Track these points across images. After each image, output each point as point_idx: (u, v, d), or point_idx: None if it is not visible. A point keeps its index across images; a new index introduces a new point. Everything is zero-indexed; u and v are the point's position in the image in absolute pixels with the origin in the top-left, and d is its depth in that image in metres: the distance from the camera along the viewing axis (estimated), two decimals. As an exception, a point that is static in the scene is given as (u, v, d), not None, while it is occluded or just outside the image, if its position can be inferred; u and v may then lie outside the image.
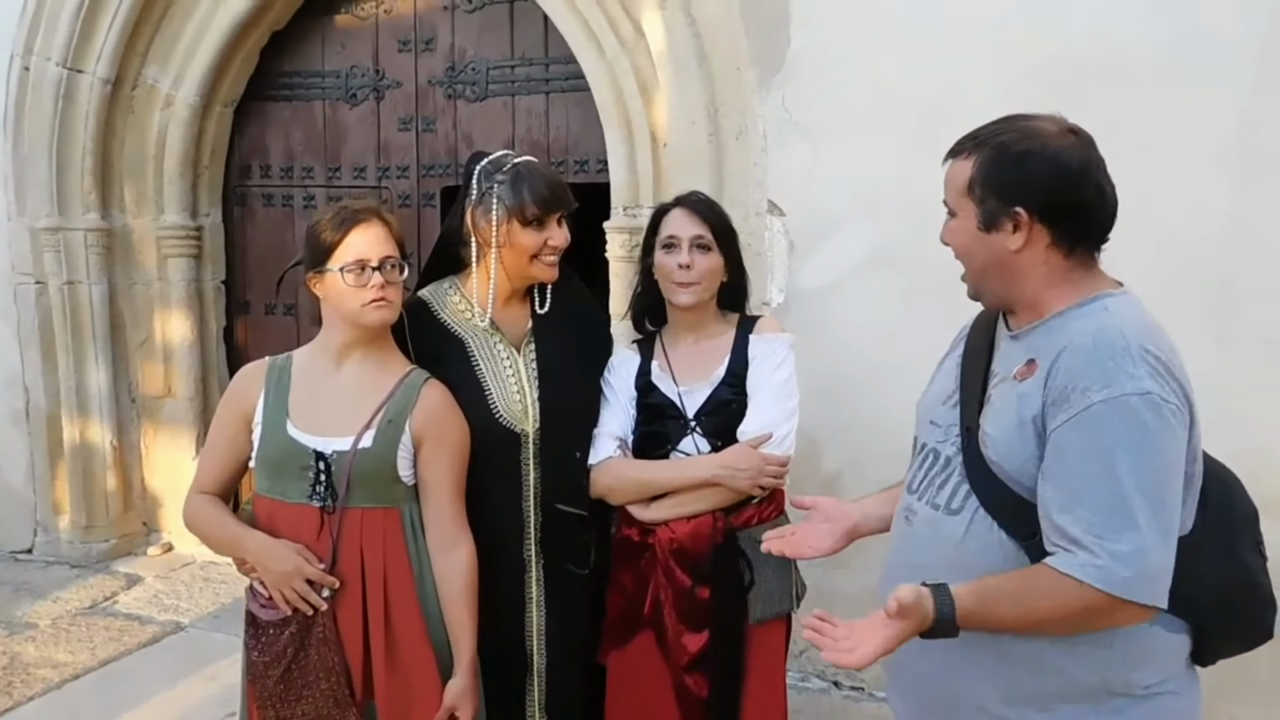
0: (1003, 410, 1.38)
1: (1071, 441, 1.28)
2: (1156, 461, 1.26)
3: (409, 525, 1.80)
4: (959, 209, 1.43)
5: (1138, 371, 1.26)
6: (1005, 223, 1.38)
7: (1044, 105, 2.78)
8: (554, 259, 1.90)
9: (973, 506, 1.40)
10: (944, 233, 1.47)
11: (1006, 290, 1.43)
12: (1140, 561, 1.23)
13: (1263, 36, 2.62)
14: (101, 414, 4.25)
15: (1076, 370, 1.29)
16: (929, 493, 1.48)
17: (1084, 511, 1.26)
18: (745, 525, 1.93)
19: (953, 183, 1.43)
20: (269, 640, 1.74)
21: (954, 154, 1.44)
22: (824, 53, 3.03)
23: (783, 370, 1.93)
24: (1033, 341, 1.40)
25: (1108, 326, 1.32)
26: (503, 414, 1.90)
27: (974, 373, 1.48)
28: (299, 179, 4.30)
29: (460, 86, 3.95)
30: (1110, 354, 1.28)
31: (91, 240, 4.15)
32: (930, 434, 1.53)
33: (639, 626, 1.98)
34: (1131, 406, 1.25)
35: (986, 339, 1.51)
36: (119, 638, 3.55)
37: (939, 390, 1.57)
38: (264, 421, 1.78)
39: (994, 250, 1.40)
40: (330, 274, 1.74)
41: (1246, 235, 2.66)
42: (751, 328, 2.01)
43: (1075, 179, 1.36)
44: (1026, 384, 1.36)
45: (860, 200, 3.04)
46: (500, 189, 1.85)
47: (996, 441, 1.37)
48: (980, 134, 1.42)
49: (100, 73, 4.03)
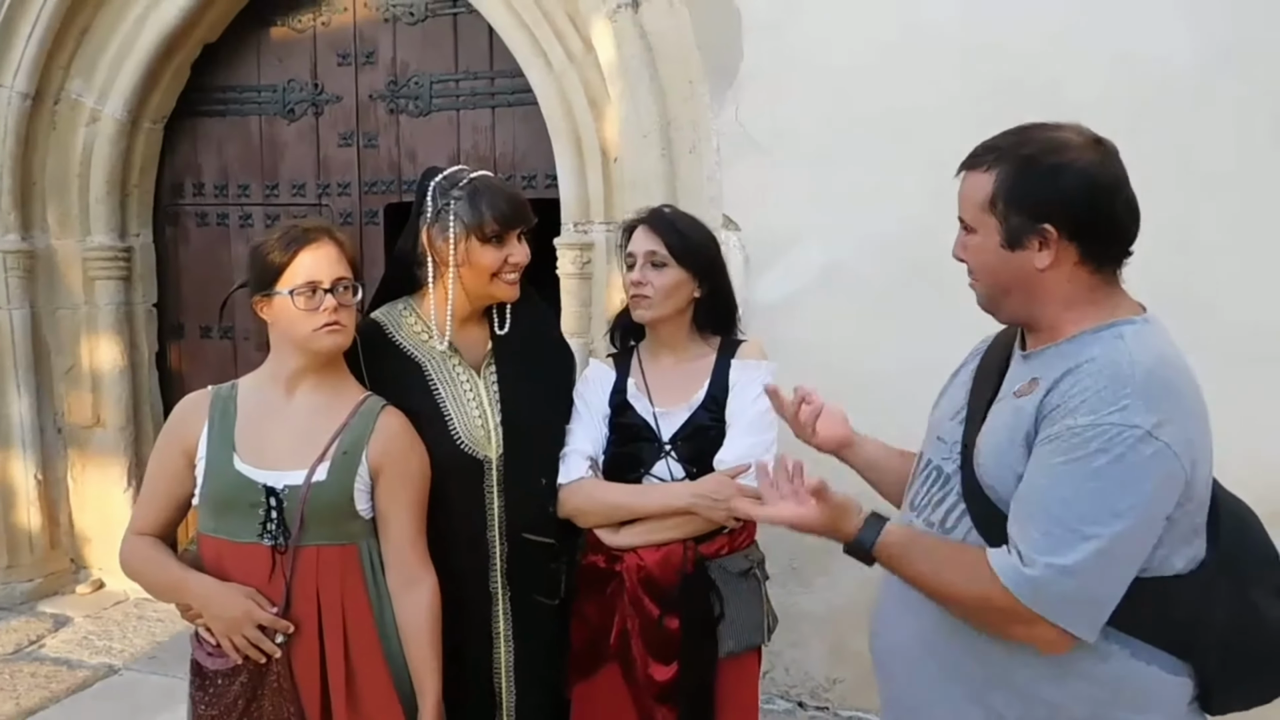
0: (997, 428, 1.35)
1: (1041, 456, 1.26)
2: (1121, 496, 1.21)
3: (367, 562, 1.70)
4: (979, 225, 1.35)
5: (1134, 404, 1.21)
6: (1032, 240, 1.31)
7: (996, 123, 2.82)
8: (515, 277, 1.82)
9: (966, 526, 1.36)
10: (959, 249, 1.40)
11: (1028, 309, 1.37)
12: (1061, 580, 1.21)
13: (1201, 65, 2.68)
14: (24, 446, 4.03)
15: (1071, 393, 1.26)
16: (927, 510, 1.44)
17: (1031, 526, 1.24)
18: (716, 555, 1.88)
19: (971, 197, 1.35)
20: (217, 692, 1.63)
21: (971, 166, 1.36)
22: (777, 66, 3.02)
23: (764, 400, 1.87)
24: (1041, 362, 1.35)
25: (1118, 354, 1.27)
26: (464, 440, 1.82)
27: (984, 389, 1.44)
28: (235, 197, 4.15)
29: (403, 101, 3.86)
30: (1110, 382, 1.24)
31: (11, 263, 3.94)
32: (936, 450, 1.48)
33: (605, 658, 1.92)
34: (1110, 436, 1.21)
35: (1002, 357, 1.46)
36: (46, 684, 3.35)
37: (949, 406, 1.52)
38: (208, 456, 1.67)
39: (1018, 268, 1.33)
40: (279, 297, 1.65)
41: (1201, 251, 2.70)
42: (734, 351, 1.96)
43: (1107, 194, 1.30)
44: (1024, 401, 1.32)
45: (816, 214, 3.03)
46: (457, 205, 1.77)
47: (987, 459, 1.34)
48: (1000, 145, 1.34)
49: (19, 86, 3.84)
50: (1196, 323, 2.66)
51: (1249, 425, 2.58)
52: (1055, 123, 1.35)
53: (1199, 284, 2.68)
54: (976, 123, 1.52)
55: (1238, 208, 2.68)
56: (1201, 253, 2.69)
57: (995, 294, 1.39)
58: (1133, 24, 2.72)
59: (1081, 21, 2.76)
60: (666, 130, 3.15)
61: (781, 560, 3.10)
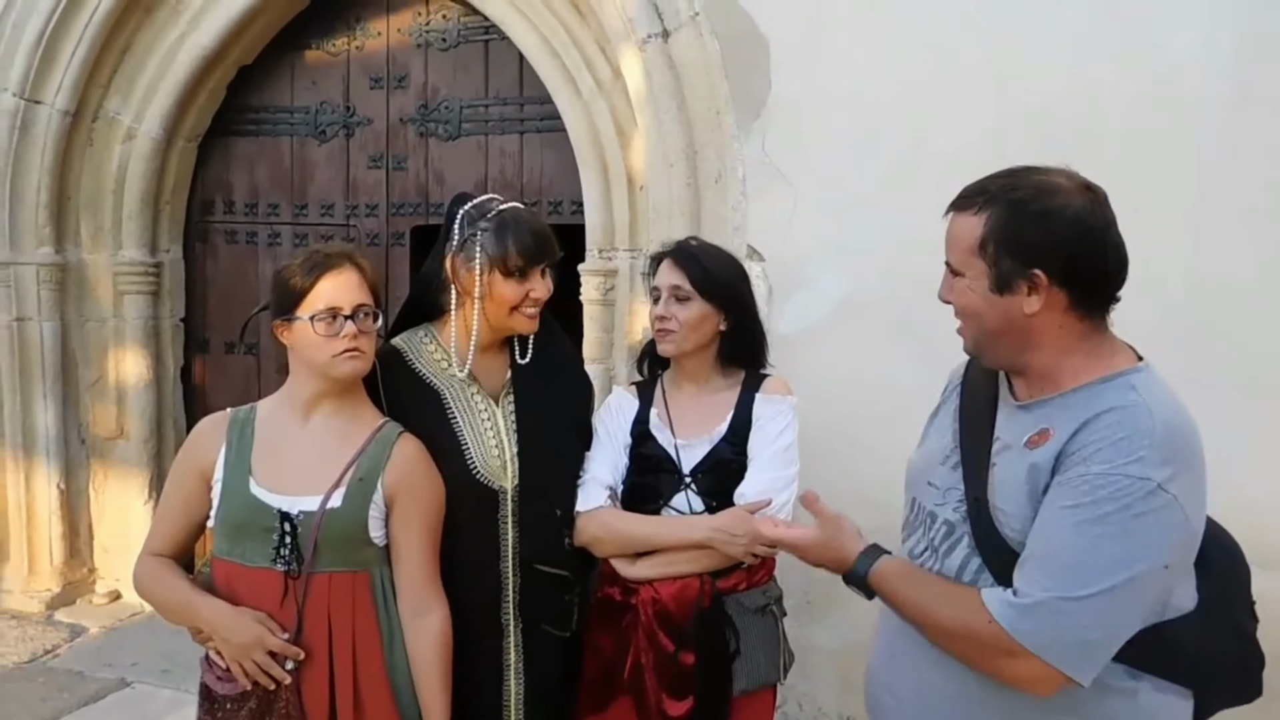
0: (1012, 483, 1.32)
1: (1053, 501, 1.25)
2: (1128, 547, 1.21)
3: (379, 589, 1.69)
4: (966, 268, 1.34)
5: (1151, 456, 1.21)
6: (1021, 285, 1.30)
7: (1023, 153, 2.79)
8: (535, 311, 1.82)
9: (987, 581, 1.33)
10: (945, 291, 1.39)
11: (1017, 354, 1.35)
12: (1057, 620, 1.21)
13: (1232, 97, 2.65)
14: (49, 456, 4.07)
15: (1088, 440, 1.25)
16: (932, 559, 1.42)
17: (1035, 566, 1.25)
18: (733, 590, 1.86)
19: (959, 240, 1.34)
20: (226, 716, 1.62)
21: (960, 208, 1.35)
22: (804, 97, 3.02)
23: (786, 435, 1.86)
24: (1049, 413, 1.32)
25: (1137, 408, 1.25)
26: (480, 470, 1.82)
27: (977, 437, 1.41)
28: (264, 216, 4.20)
29: (432, 125, 3.89)
30: (1131, 433, 1.23)
31: (44, 275, 4.00)
32: (928, 495, 1.46)
33: (618, 691, 1.89)
34: (1122, 486, 1.20)
35: (988, 402, 1.44)
36: (59, 694, 3.35)
37: (935, 449, 1.49)
38: (224, 479, 1.67)
39: (1007, 313, 1.31)
40: (299, 322, 1.65)
41: (1212, 283, 2.68)
42: (758, 386, 1.94)
43: (1098, 240, 1.29)
44: (1037, 453, 1.30)
45: (840, 246, 3.02)
46: (484, 237, 1.77)
47: (1011, 517, 1.31)
48: (990, 188, 1.33)
49: (59, 104, 3.91)
50: (1216, 353, 2.66)
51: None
52: (1045, 166, 1.34)
53: (1222, 314, 2.66)
54: (1004, 154, 1.51)
55: (1270, 237, 2.64)
56: (1231, 283, 2.66)
57: (983, 338, 1.37)
58: (1164, 54, 2.70)
59: (1111, 51, 2.75)
60: (693, 159, 3.16)
61: (796, 594, 3.06)
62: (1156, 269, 2.69)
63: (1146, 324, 2.62)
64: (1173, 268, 2.69)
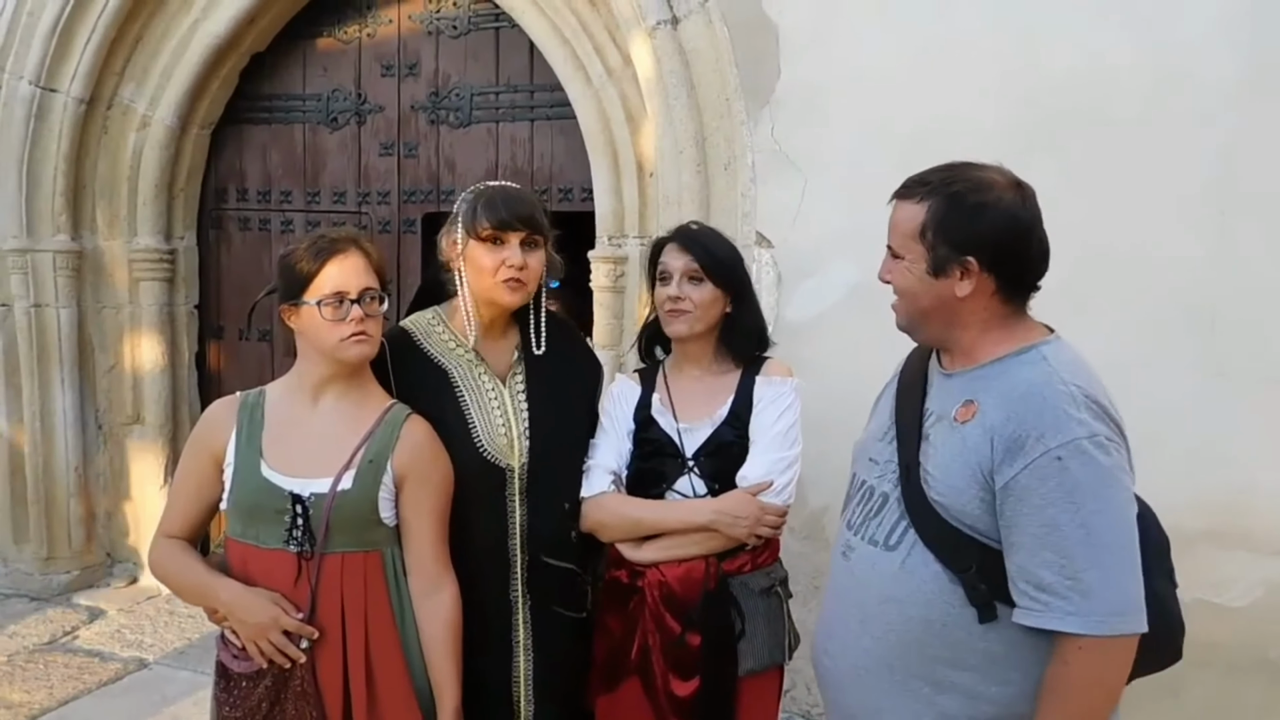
0: (944, 451, 1.43)
1: (1032, 488, 1.32)
2: (1115, 496, 1.33)
3: (390, 568, 1.72)
4: (906, 252, 1.46)
5: (1083, 415, 1.33)
6: (954, 270, 1.42)
7: (1031, 142, 2.79)
8: (515, 282, 1.81)
9: (910, 541, 1.44)
10: (885, 272, 1.51)
11: (946, 332, 1.48)
12: (1111, 597, 1.30)
13: (1243, 82, 2.64)
14: (66, 440, 4.13)
15: (1027, 419, 1.35)
16: (866, 529, 1.52)
17: (1051, 554, 1.31)
18: (738, 572, 1.87)
19: (901, 225, 1.46)
20: (242, 694, 1.65)
21: (903, 196, 1.47)
22: (814, 85, 3.02)
23: (787, 417, 1.88)
24: (970, 384, 1.45)
25: (1050, 375, 1.38)
26: (487, 448, 1.84)
27: (909, 409, 1.53)
28: (277, 203, 4.23)
29: (444, 112, 3.90)
30: (1057, 401, 1.34)
31: (60, 262, 4.04)
32: (869, 470, 1.58)
33: (626, 673, 1.91)
34: (1084, 449, 1.31)
35: (920, 375, 1.56)
36: (79, 675, 3.41)
37: (876, 427, 1.62)
38: (236, 462, 1.70)
39: (940, 295, 1.44)
40: (306, 307, 1.67)
41: (1228, 270, 2.67)
42: (759, 368, 1.96)
43: (1024, 234, 1.42)
44: (969, 427, 1.41)
45: (849, 233, 3.00)
46: (463, 208, 1.83)
47: (939, 481, 1.42)
48: (930, 180, 1.45)
49: (74, 92, 3.94)
50: (1232, 341, 2.65)
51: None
52: (981, 163, 1.47)
53: (1238, 302, 2.65)
54: (1012, 142, 1.52)
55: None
56: (1243, 272, 2.65)
57: (915, 316, 1.49)
58: (1177, 38, 2.69)
59: (1124, 35, 2.73)
60: (702, 146, 3.16)
61: (804, 580, 3.07)
62: (1169, 255, 2.70)
63: (1162, 311, 2.67)
64: (1187, 255, 2.69)
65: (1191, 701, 2.53)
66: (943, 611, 1.41)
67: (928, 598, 1.41)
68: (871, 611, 1.47)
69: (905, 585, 1.44)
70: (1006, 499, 1.35)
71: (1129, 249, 2.72)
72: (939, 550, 1.41)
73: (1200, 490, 2.59)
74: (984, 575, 1.38)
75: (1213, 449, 2.65)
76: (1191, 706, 2.37)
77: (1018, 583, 1.34)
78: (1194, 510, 2.46)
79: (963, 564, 1.39)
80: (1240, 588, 2.66)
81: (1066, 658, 1.32)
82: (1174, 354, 2.68)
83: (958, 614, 1.40)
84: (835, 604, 1.57)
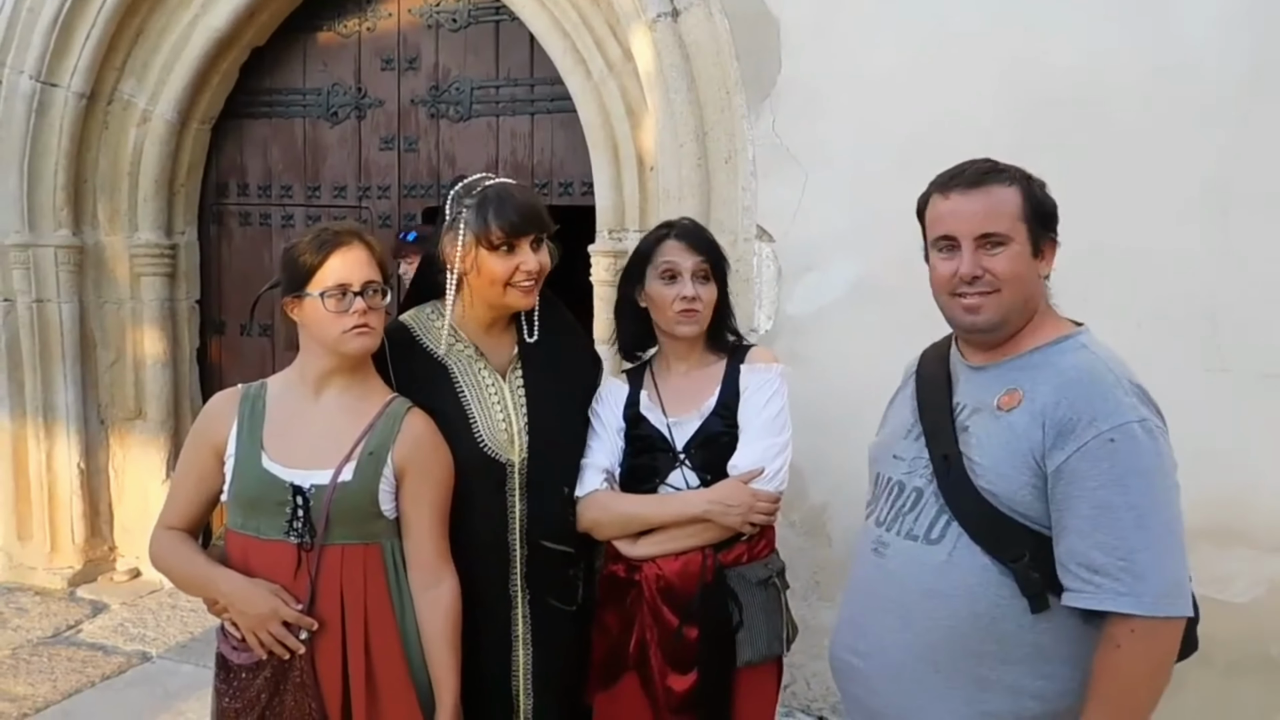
0: (990, 439, 1.43)
1: (1084, 471, 1.33)
2: (1164, 481, 1.35)
3: (390, 561, 1.72)
4: (1014, 234, 1.44)
5: (1133, 400, 1.36)
6: (1045, 248, 1.47)
7: (1031, 138, 2.78)
8: (529, 285, 1.81)
9: (955, 534, 1.44)
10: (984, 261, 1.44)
11: (1023, 320, 1.48)
12: (1163, 578, 1.31)
13: (1244, 81, 2.63)
14: (69, 436, 4.14)
15: (1079, 404, 1.36)
16: (900, 524, 1.51)
17: (1104, 536, 1.31)
18: (735, 563, 1.87)
19: (1003, 208, 1.44)
20: (241, 685, 1.66)
21: (990, 182, 1.46)
22: (815, 79, 3.01)
23: (774, 403, 1.87)
24: (1008, 373, 1.46)
25: (1095, 363, 1.41)
26: (487, 443, 1.84)
27: (936, 404, 1.53)
28: (277, 198, 4.23)
29: (444, 106, 3.90)
30: (1106, 387, 1.37)
31: (62, 257, 4.05)
32: (894, 467, 1.57)
33: (624, 668, 1.91)
34: (1135, 434, 1.33)
35: (941, 372, 1.56)
36: (82, 669, 3.42)
37: (897, 425, 1.61)
38: (237, 454, 1.70)
39: (1035, 276, 1.47)
40: (309, 299, 1.67)
41: (1228, 267, 2.66)
42: (743, 357, 1.96)
43: None
44: (1016, 414, 1.41)
45: (850, 227, 3.01)
46: (467, 214, 1.78)
47: (988, 470, 1.42)
48: (999, 166, 1.48)
49: (75, 87, 3.94)
50: (1235, 337, 2.64)
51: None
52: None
53: (1240, 299, 2.64)
54: (1012, 138, 1.52)
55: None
56: (1243, 269, 2.64)
57: (1016, 303, 1.46)
58: (1178, 33, 2.68)
59: (1125, 31, 2.72)
60: (703, 140, 3.15)
61: (804, 575, 3.08)
62: (1170, 253, 2.69)
63: (1162, 308, 2.66)
64: (1187, 252, 2.68)
65: (1192, 698, 2.53)
66: (991, 604, 1.40)
67: (974, 591, 1.40)
68: (912, 607, 1.45)
69: (950, 579, 1.42)
70: (1058, 482, 1.35)
71: (1129, 246, 2.71)
72: (986, 541, 1.40)
73: (1202, 487, 2.56)
74: (1037, 564, 1.37)
75: (1214, 446, 2.64)
76: (1192, 703, 2.37)
77: (1069, 565, 1.34)
78: (1195, 507, 2.43)
79: (1014, 553, 1.38)
80: (1242, 584, 2.66)
81: (1118, 640, 1.32)
82: (1175, 351, 2.67)
83: (1007, 605, 1.39)
84: (867, 601, 1.55)
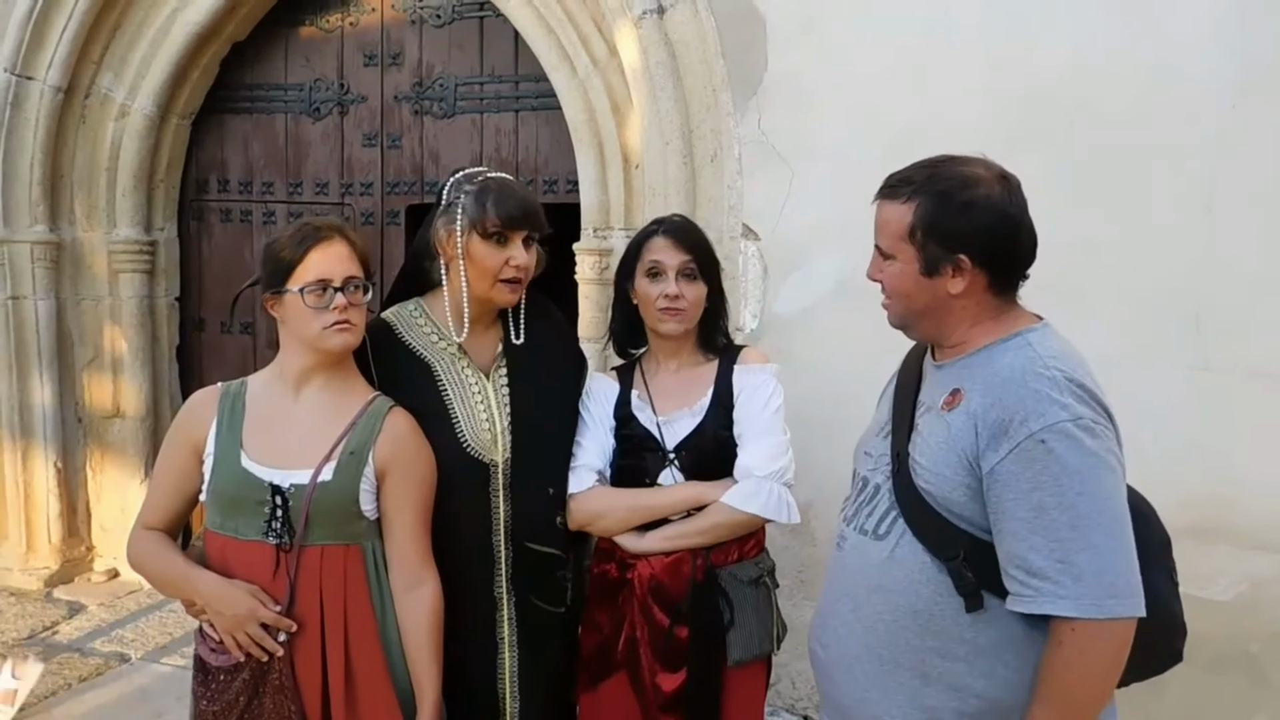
0: (931, 439, 1.44)
1: (1017, 473, 1.32)
2: (1102, 480, 1.31)
3: (371, 562, 1.70)
4: (897, 253, 1.45)
5: (1066, 399, 1.32)
6: (947, 268, 1.42)
7: (1019, 136, 2.77)
8: (517, 283, 1.80)
9: (899, 530, 1.44)
10: (875, 272, 1.50)
11: (940, 329, 1.48)
12: (1103, 578, 1.28)
13: (1230, 78, 2.63)
14: (45, 434, 4.08)
15: (1010, 404, 1.34)
16: (858, 519, 1.53)
17: (1040, 539, 1.30)
18: (725, 563, 1.86)
19: (890, 226, 1.45)
20: (219, 688, 1.63)
21: (888, 196, 1.46)
22: (801, 76, 3.00)
23: (774, 402, 1.88)
24: (956, 373, 1.45)
25: (1033, 360, 1.38)
26: (470, 443, 1.82)
27: (904, 403, 1.53)
28: (259, 194, 4.19)
29: (427, 103, 3.87)
30: (1040, 385, 1.34)
31: (39, 253, 3.99)
32: (864, 464, 1.59)
33: (613, 667, 1.90)
34: (1068, 432, 1.30)
35: (916, 369, 1.57)
36: (59, 671, 3.37)
37: (874, 423, 1.63)
38: (216, 453, 1.67)
39: (933, 294, 1.44)
40: (289, 295, 1.65)
41: (1214, 265, 2.67)
42: (735, 357, 1.95)
43: (1014, 228, 1.41)
44: (954, 414, 1.41)
45: (836, 226, 3.00)
46: (465, 200, 1.78)
47: (926, 470, 1.42)
48: (915, 178, 1.44)
49: (51, 80, 3.89)
50: (1224, 338, 2.65)
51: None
52: (964, 156, 1.45)
53: (1229, 299, 2.65)
54: (1000, 135, 1.51)
55: (1273, 226, 2.63)
56: (1229, 268, 2.65)
57: (909, 316, 1.49)
58: (1166, 31, 2.68)
59: (1112, 28, 2.73)
60: (689, 138, 3.14)
61: (790, 573, 3.08)
62: (1156, 251, 2.70)
63: (1148, 306, 2.66)
64: (1173, 250, 2.69)
65: (1174, 695, 2.54)
66: (929, 600, 1.41)
67: (915, 586, 1.42)
68: (862, 600, 1.48)
69: (893, 574, 1.44)
70: (993, 485, 1.34)
71: (1116, 244, 2.72)
72: (926, 539, 1.41)
73: (1186, 484, 2.59)
74: (970, 563, 1.38)
75: (1198, 443, 2.65)
76: (1173, 700, 2.38)
77: (1009, 569, 1.34)
78: (1179, 504, 2.45)
79: (950, 552, 1.39)
80: (1225, 582, 2.67)
81: (1060, 640, 1.31)
82: (1160, 349, 2.68)
83: (944, 603, 1.40)
84: (829, 593, 1.58)
